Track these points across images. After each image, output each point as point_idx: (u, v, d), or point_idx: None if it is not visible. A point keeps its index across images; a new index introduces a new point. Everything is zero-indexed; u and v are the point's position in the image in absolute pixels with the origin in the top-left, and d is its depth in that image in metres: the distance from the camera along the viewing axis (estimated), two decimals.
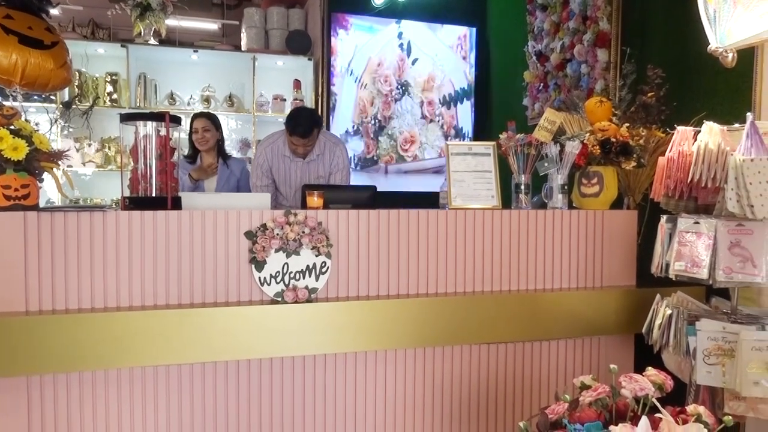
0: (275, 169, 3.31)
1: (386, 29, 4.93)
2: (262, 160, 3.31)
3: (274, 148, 3.31)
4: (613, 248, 2.42)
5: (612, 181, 2.45)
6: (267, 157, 3.30)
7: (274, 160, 3.30)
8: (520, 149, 2.42)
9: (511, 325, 2.21)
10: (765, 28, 1.41)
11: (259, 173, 3.31)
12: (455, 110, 5.11)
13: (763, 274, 1.79)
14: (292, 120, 3.15)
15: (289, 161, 3.29)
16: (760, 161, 1.78)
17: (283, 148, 3.28)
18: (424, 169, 5.01)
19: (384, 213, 2.15)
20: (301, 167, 3.29)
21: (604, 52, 3.37)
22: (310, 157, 3.26)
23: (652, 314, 2.10)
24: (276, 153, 3.30)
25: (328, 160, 3.31)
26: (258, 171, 3.31)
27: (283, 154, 3.29)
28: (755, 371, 1.77)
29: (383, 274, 2.14)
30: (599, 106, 2.54)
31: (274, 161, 3.30)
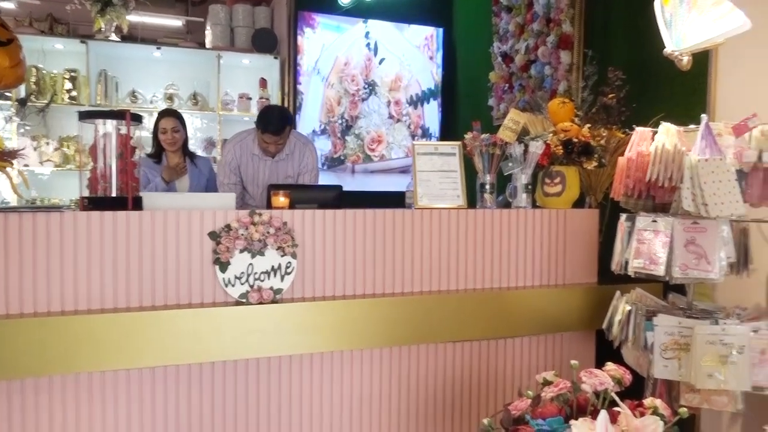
0: (243, 167, 3.26)
1: (353, 28, 4.92)
2: (231, 158, 3.26)
3: (243, 146, 3.26)
4: (576, 246, 2.46)
5: (574, 181, 2.50)
6: (236, 155, 3.26)
7: (242, 158, 3.25)
8: (485, 149, 2.45)
9: (478, 323, 2.23)
10: (718, 32, 1.45)
11: (227, 171, 3.26)
12: (422, 110, 5.13)
13: (716, 270, 1.85)
14: (264, 118, 3.12)
15: (258, 160, 3.25)
16: (713, 161, 1.84)
17: (252, 147, 3.24)
18: (391, 169, 5.02)
19: (350, 213, 2.14)
20: (270, 166, 3.26)
21: (567, 54, 3.43)
22: (279, 156, 3.23)
23: (612, 310, 2.15)
24: (245, 151, 3.25)
25: (297, 160, 3.29)
26: (226, 169, 3.27)
27: (252, 153, 3.24)
28: (709, 364, 1.83)
29: (349, 274, 2.13)
30: (562, 107, 2.59)
31: (242, 159, 3.25)
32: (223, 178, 3.27)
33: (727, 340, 1.84)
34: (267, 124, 3.08)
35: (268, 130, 3.08)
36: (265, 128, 3.08)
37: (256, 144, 3.22)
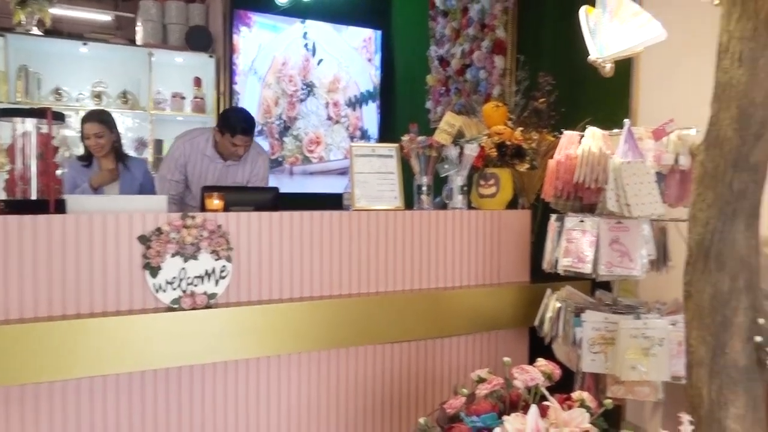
0: (191, 166, 3.12)
1: (291, 28, 4.87)
2: (179, 154, 3.11)
3: (194, 145, 3.12)
4: (509, 246, 2.53)
5: (507, 183, 2.57)
6: (185, 151, 3.11)
7: (192, 156, 3.12)
8: (421, 151, 2.48)
9: (415, 323, 2.25)
10: (638, 41, 1.53)
11: (173, 167, 3.10)
12: (361, 112, 5.14)
13: (639, 268, 1.95)
14: (232, 119, 3.04)
15: (208, 162, 3.13)
16: (635, 164, 1.93)
17: (204, 147, 3.11)
18: (330, 171, 5.00)
19: (287, 215, 2.12)
20: (219, 170, 3.15)
21: (501, 59, 3.52)
22: (231, 161, 3.15)
23: (543, 308, 2.23)
24: (195, 150, 3.12)
25: (249, 167, 3.20)
26: (172, 164, 3.11)
27: (203, 153, 3.12)
28: (632, 357, 1.92)
29: (286, 277, 2.11)
30: (495, 110, 2.66)
31: (191, 157, 3.12)
32: (167, 173, 3.11)
33: (648, 333, 1.93)
34: (237, 125, 2.99)
35: (238, 130, 2.98)
36: (234, 129, 2.99)
37: (210, 145, 3.10)
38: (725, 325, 1.28)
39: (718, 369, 1.28)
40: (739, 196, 1.26)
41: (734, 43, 1.26)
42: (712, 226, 1.29)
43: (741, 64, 1.24)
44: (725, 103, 1.27)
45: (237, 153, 3.07)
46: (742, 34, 1.24)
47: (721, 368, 1.28)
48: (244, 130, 3.00)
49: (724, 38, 1.28)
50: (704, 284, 1.31)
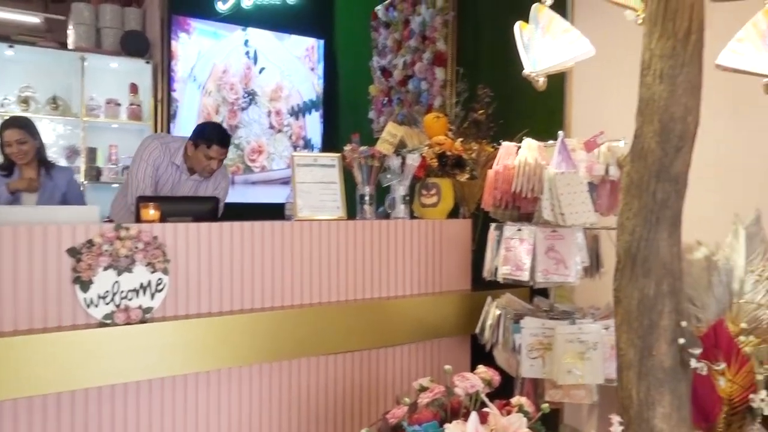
0: (161, 171, 2.99)
1: (232, 36, 4.80)
2: (155, 157, 2.96)
3: (168, 150, 2.99)
4: (451, 255, 2.57)
5: (449, 192, 2.62)
6: (159, 155, 2.96)
7: (164, 161, 2.98)
8: (363, 161, 2.49)
9: (358, 333, 2.25)
10: (569, 57, 1.59)
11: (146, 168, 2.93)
12: (304, 121, 5.11)
13: (573, 274, 2.02)
14: (207, 130, 2.97)
15: (177, 172, 3.02)
16: (569, 174, 2.01)
17: (175, 155, 3.00)
18: (273, 180, 4.94)
19: (226, 225, 2.08)
20: (184, 182, 3.04)
21: (441, 70, 3.59)
22: (198, 177, 3.05)
23: (484, 315, 2.27)
24: (167, 156, 2.99)
25: (212, 186, 3.12)
26: (144, 165, 2.94)
27: (173, 162, 3.00)
28: (568, 361, 1.99)
29: (226, 290, 2.06)
30: (436, 121, 2.71)
31: (163, 162, 2.98)
32: (141, 175, 2.93)
33: (583, 338, 2.00)
34: (214, 136, 2.92)
35: (215, 141, 2.90)
36: (211, 140, 2.90)
37: (180, 155, 2.99)
38: (652, 328, 1.34)
39: (646, 371, 1.34)
40: (662, 206, 1.33)
41: (655, 60, 1.33)
42: (638, 234, 1.35)
43: (662, 81, 1.32)
44: (648, 117, 1.34)
45: (210, 167, 2.97)
46: (662, 52, 1.32)
47: (648, 370, 1.34)
48: (221, 141, 2.94)
49: (647, 56, 1.35)
50: (632, 289, 1.37)
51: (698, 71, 1.33)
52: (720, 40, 1.55)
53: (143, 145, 3.00)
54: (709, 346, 1.69)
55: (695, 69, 1.32)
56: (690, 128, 1.33)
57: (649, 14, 1.35)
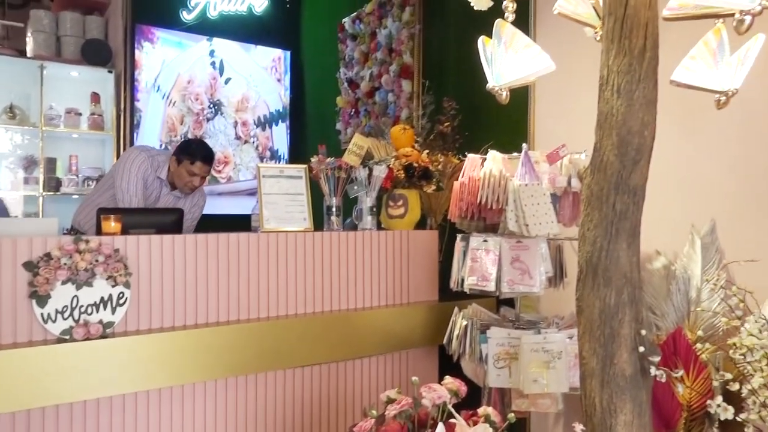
0: (148, 183, 2.95)
1: (197, 46, 4.76)
2: (144, 170, 2.91)
3: (154, 162, 2.95)
4: (418, 266, 2.58)
5: (415, 203, 2.63)
6: (147, 166, 2.92)
7: (150, 177, 2.94)
8: (330, 172, 2.49)
9: (326, 346, 2.24)
10: (531, 72, 1.63)
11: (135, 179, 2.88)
12: (270, 132, 5.08)
13: (538, 284, 2.05)
14: (192, 146, 2.94)
15: (161, 185, 2.99)
16: (532, 186, 2.05)
17: (161, 169, 2.97)
18: (239, 191, 4.89)
19: (191, 237, 2.05)
20: (164, 196, 3.00)
21: (408, 83, 3.62)
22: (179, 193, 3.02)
23: (451, 326, 2.28)
24: (154, 168, 2.95)
25: (190, 203, 3.09)
26: (135, 180, 2.88)
27: (158, 176, 2.97)
28: (534, 370, 2.01)
29: (190, 303, 2.03)
30: (403, 133, 2.73)
31: (150, 177, 2.94)
32: (132, 186, 2.87)
33: (548, 347, 2.03)
34: (198, 152, 2.89)
35: (198, 157, 2.88)
36: (195, 156, 2.88)
37: (165, 168, 2.96)
38: (613, 336, 1.37)
39: (608, 379, 1.37)
40: (621, 217, 1.37)
41: (613, 76, 1.37)
42: (598, 244, 1.39)
43: (619, 96, 1.36)
44: (607, 131, 1.38)
45: (192, 183, 2.95)
46: (619, 68, 1.36)
47: (610, 378, 1.37)
48: (205, 158, 2.92)
49: (605, 72, 1.40)
50: (593, 299, 1.40)
51: (653, 87, 1.37)
52: (674, 57, 1.61)
53: (131, 156, 2.95)
54: (668, 353, 1.74)
55: (651, 84, 1.37)
56: (647, 141, 1.37)
57: (607, 32, 1.40)
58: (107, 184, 3.01)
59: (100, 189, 3.07)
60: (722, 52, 1.57)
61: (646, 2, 1.37)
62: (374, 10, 3.97)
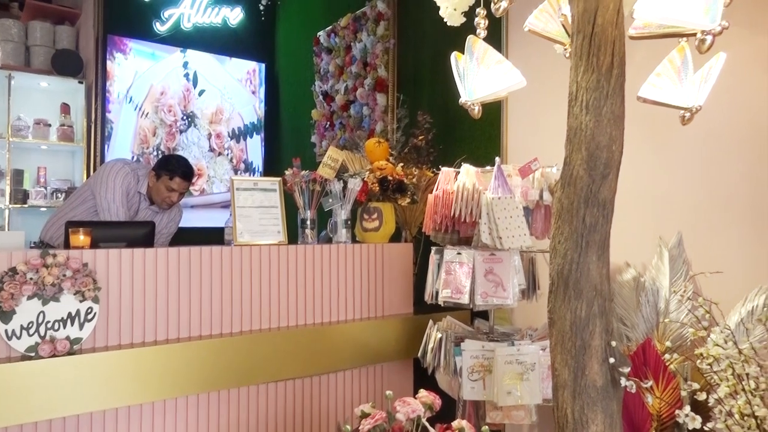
0: (130, 196, 2.91)
1: (170, 57, 4.72)
2: (127, 183, 2.87)
3: (135, 177, 2.92)
4: (393, 279, 2.59)
5: (390, 216, 2.64)
6: (130, 179, 2.88)
7: (132, 187, 2.90)
8: (305, 185, 2.48)
9: (300, 360, 2.22)
10: (502, 87, 1.66)
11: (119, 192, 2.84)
12: (245, 144, 5.06)
13: (511, 297, 2.07)
14: (172, 162, 2.91)
15: (141, 200, 2.95)
16: (505, 199, 2.07)
17: (141, 183, 2.93)
18: (213, 204, 4.84)
19: (162, 251, 2.02)
20: (143, 211, 2.96)
21: (383, 96, 3.65)
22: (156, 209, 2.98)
23: (425, 339, 2.28)
24: (134, 182, 2.91)
25: (167, 218, 3.06)
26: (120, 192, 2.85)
27: (138, 190, 2.93)
28: (508, 382, 2.02)
29: (162, 318, 1.99)
30: (377, 146, 2.74)
31: (132, 187, 2.90)
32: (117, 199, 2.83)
33: (521, 359, 2.05)
34: (178, 168, 2.87)
35: (178, 173, 2.86)
36: (175, 172, 2.85)
37: (145, 183, 2.93)
38: (584, 348, 1.39)
39: (580, 390, 1.39)
40: (591, 230, 1.39)
41: (582, 92, 1.40)
42: (569, 257, 1.41)
43: (588, 112, 1.39)
44: (576, 146, 1.41)
45: (170, 199, 2.92)
46: (587, 84, 1.39)
47: (582, 389, 1.39)
48: (185, 174, 2.90)
49: (574, 88, 1.43)
50: (565, 311, 1.42)
51: (621, 103, 1.41)
52: (641, 74, 1.66)
53: (114, 169, 2.91)
54: (638, 364, 1.77)
55: (618, 101, 1.40)
56: (615, 156, 1.40)
57: (575, 49, 1.43)
58: (82, 197, 2.96)
59: (74, 202, 3.01)
60: (686, 69, 1.63)
61: (613, 21, 1.40)
62: (349, 24, 4.00)
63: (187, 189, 2.99)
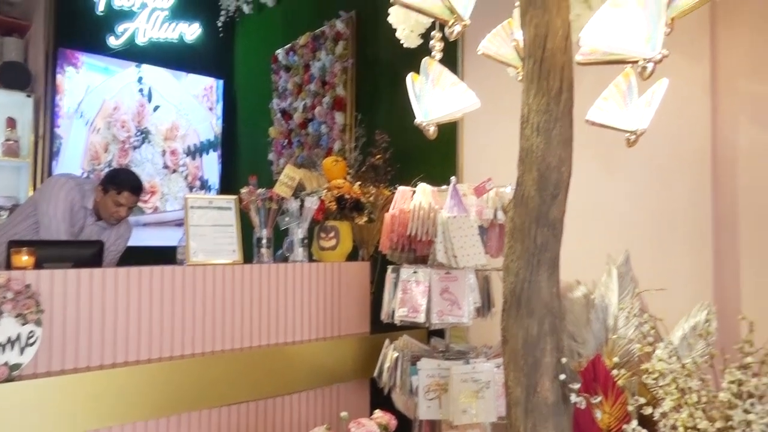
0: (74, 214, 2.80)
1: (124, 72, 4.62)
2: (72, 198, 2.77)
3: (81, 191, 2.83)
4: (350, 298, 2.57)
5: (347, 235, 2.64)
6: (75, 194, 2.79)
7: (77, 205, 2.80)
8: (261, 204, 2.46)
9: (255, 382, 2.17)
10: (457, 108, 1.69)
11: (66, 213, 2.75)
12: (201, 161, 4.98)
13: (467, 315, 2.09)
14: (120, 176, 2.86)
15: (87, 216, 2.85)
16: (460, 218, 2.10)
17: (87, 198, 2.84)
18: (166, 222, 4.73)
19: (110, 272, 1.96)
20: (89, 227, 2.86)
21: (341, 115, 3.66)
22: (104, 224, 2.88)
23: (382, 358, 2.27)
24: (81, 196, 2.82)
25: (115, 235, 2.96)
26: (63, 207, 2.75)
27: (84, 205, 2.83)
28: (464, 401, 2.03)
29: (109, 341, 1.93)
30: (335, 165, 2.74)
31: (76, 206, 2.80)
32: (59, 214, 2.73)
33: (477, 377, 2.06)
34: (126, 182, 2.80)
35: (126, 188, 2.78)
36: (122, 187, 2.78)
37: (91, 198, 2.84)
38: (536, 366, 1.41)
39: (532, 407, 1.40)
40: (541, 249, 1.42)
41: (533, 114, 1.44)
42: (521, 275, 1.43)
43: (539, 133, 1.43)
44: (528, 167, 1.44)
45: (118, 214, 2.84)
46: (538, 107, 1.43)
47: (534, 406, 1.40)
48: (133, 189, 2.83)
49: (525, 110, 1.46)
50: (517, 329, 1.44)
51: (569, 125, 1.45)
52: (590, 98, 1.71)
53: (58, 183, 2.83)
54: (588, 380, 1.81)
55: (567, 123, 1.45)
56: (564, 177, 1.44)
57: (527, 73, 1.47)
58: (25, 213, 2.85)
59: (16, 218, 2.89)
60: (631, 94, 1.69)
61: (562, 47, 1.45)
62: (308, 43, 4.01)
63: (135, 204, 2.93)
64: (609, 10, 1.29)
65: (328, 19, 3.82)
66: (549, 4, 1.44)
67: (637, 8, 1.27)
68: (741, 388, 1.32)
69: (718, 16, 2.00)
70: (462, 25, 1.53)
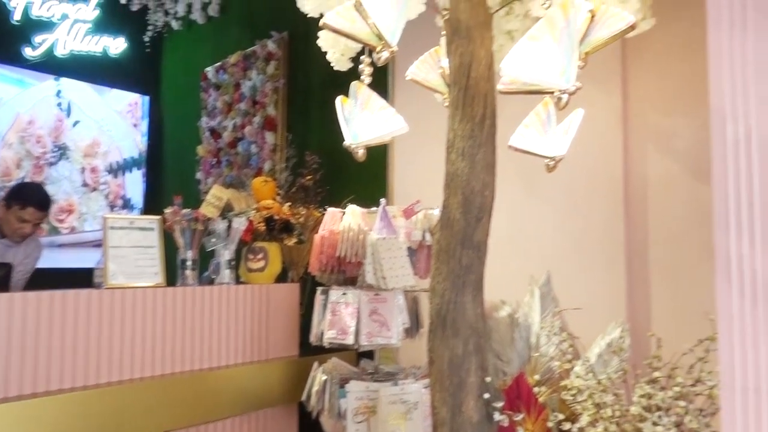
0: None
1: (41, 85, 4.40)
2: None
3: None
4: (278, 320, 2.53)
5: (276, 256, 2.60)
6: None
7: None
8: (186, 224, 2.39)
9: (178, 410, 2.08)
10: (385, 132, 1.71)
11: None
12: (123, 179, 4.78)
13: (395, 336, 2.10)
14: (25, 191, 2.73)
15: None
16: (389, 240, 2.12)
17: None
18: (85, 243, 4.50)
19: (18, 296, 1.83)
20: None
21: (272, 135, 3.63)
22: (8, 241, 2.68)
23: (310, 381, 2.24)
24: None
25: (22, 253, 2.77)
26: None
27: None
28: (392, 422, 2.03)
29: (15, 371, 1.79)
30: (264, 185, 2.71)
31: None
32: None
33: (405, 398, 2.07)
34: (31, 197, 2.65)
35: (31, 203, 2.63)
36: (27, 202, 2.62)
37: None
38: (461, 385, 1.44)
39: (457, 427, 1.42)
40: (467, 270, 1.46)
41: (458, 140, 1.49)
42: (447, 296, 1.46)
43: (463, 158, 1.47)
44: (453, 190, 1.48)
45: (22, 231, 2.68)
46: (463, 133, 1.48)
47: (459, 426, 1.43)
48: (39, 204, 2.69)
49: (451, 135, 1.51)
50: (443, 349, 1.46)
51: (492, 151, 1.51)
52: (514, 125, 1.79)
53: None
54: (512, 397, 1.85)
55: (490, 149, 1.50)
56: (487, 201, 1.49)
57: (452, 100, 1.52)
58: None
59: None
60: (550, 122, 1.78)
61: (486, 76, 1.51)
62: (239, 62, 3.97)
63: (42, 220, 2.78)
64: (527, 43, 1.36)
65: (259, 39, 3.80)
66: (473, 35, 1.50)
67: (553, 43, 1.34)
68: (650, 401, 1.39)
69: (629, 52, 2.15)
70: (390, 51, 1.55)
